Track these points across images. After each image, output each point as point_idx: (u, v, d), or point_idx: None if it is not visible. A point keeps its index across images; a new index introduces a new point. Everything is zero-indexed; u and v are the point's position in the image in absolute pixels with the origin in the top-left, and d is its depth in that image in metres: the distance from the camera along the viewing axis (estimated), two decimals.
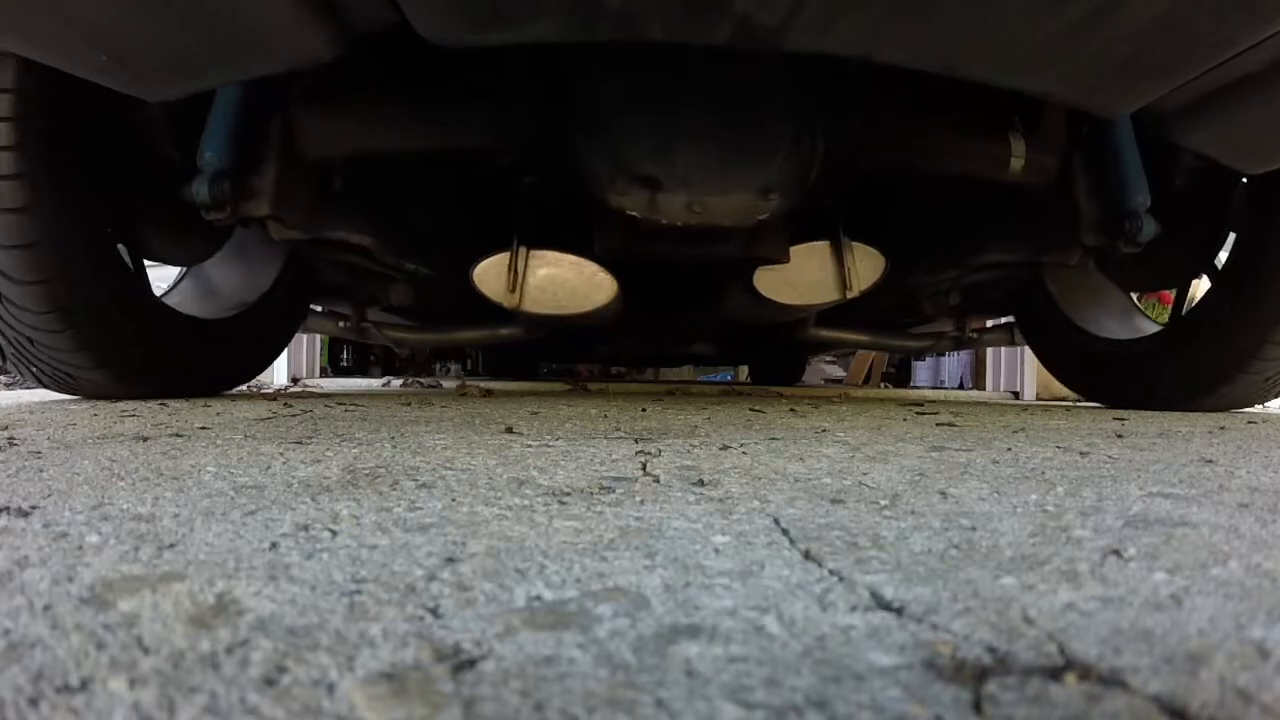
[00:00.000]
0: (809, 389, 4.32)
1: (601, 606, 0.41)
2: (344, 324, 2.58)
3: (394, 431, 1.17)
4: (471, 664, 0.34)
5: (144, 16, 1.09)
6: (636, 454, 0.97)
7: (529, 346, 4.45)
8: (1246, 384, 1.94)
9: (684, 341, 4.02)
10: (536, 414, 1.53)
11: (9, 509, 0.60)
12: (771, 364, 5.64)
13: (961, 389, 5.32)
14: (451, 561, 0.48)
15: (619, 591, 0.43)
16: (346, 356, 6.20)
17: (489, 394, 2.44)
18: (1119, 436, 1.30)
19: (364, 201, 1.94)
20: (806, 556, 0.51)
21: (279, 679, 0.32)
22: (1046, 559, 0.51)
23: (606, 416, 1.51)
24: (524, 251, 1.88)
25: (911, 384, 6.54)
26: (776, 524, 0.60)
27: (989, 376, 4.57)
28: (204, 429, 1.17)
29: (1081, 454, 1.04)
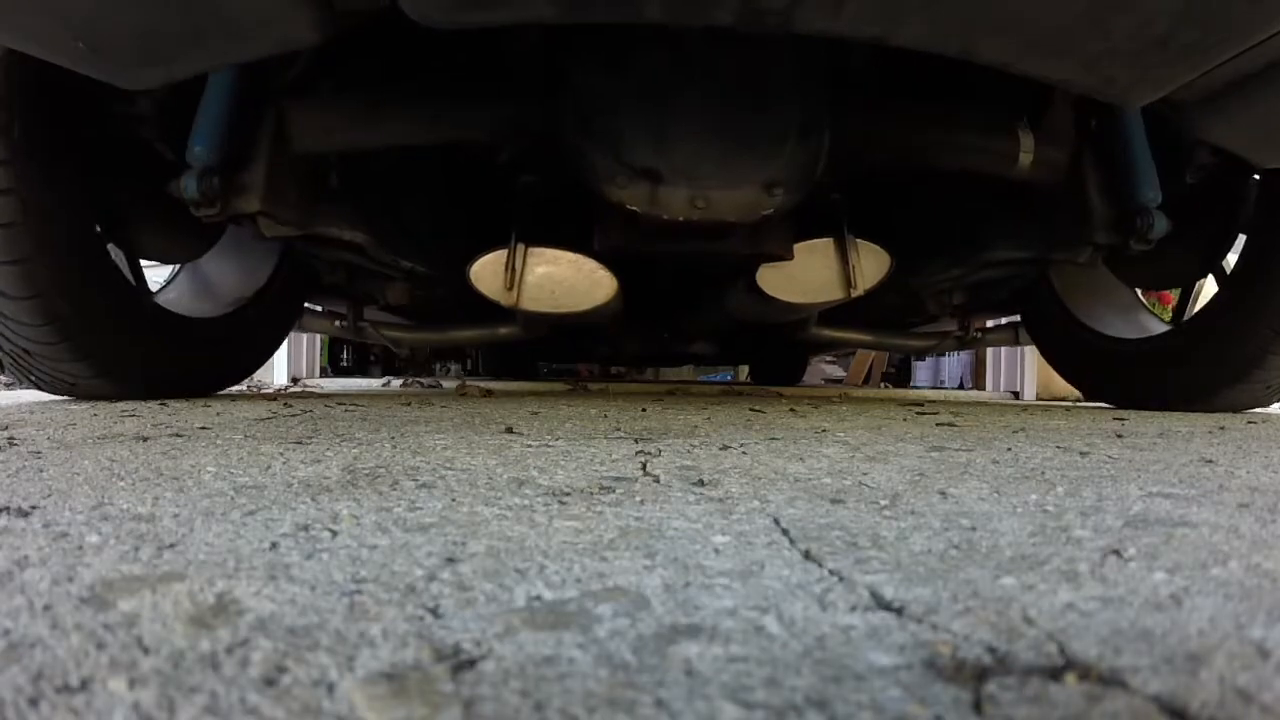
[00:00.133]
0: (809, 389, 4.32)
1: (601, 606, 0.41)
2: (340, 323, 2.56)
3: (394, 431, 1.17)
4: (471, 664, 0.34)
5: None
6: (636, 454, 0.97)
7: (528, 346, 4.42)
8: (1253, 387, 1.92)
9: (684, 341, 3.98)
10: (536, 414, 1.53)
11: (9, 509, 0.60)
12: (772, 364, 5.61)
13: (961, 389, 5.32)
14: (451, 561, 0.48)
15: (619, 591, 0.43)
16: (346, 356, 6.20)
17: (489, 394, 2.44)
18: (1119, 436, 1.30)
19: (358, 198, 1.90)
20: (806, 556, 0.51)
21: (279, 679, 0.32)
22: (1046, 559, 0.51)
23: (606, 416, 1.51)
24: (522, 249, 1.85)
25: (911, 384, 6.54)
26: (776, 524, 0.60)
27: (989, 376, 4.57)
28: (204, 429, 1.17)
29: (1081, 454, 1.04)
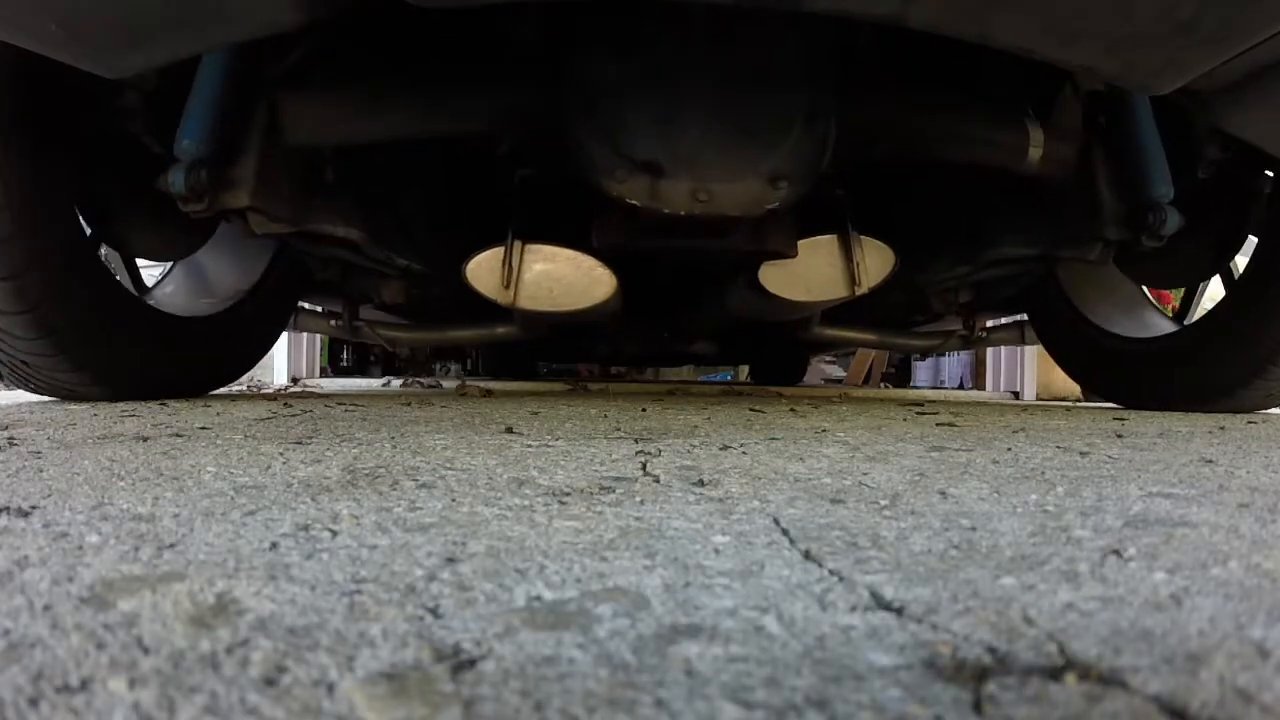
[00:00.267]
0: (809, 389, 4.32)
1: (601, 606, 0.41)
2: (336, 322, 2.52)
3: (394, 431, 1.17)
4: (471, 664, 0.34)
5: None
6: (636, 454, 0.97)
7: (527, 346, 4.39)
8: (1269, 384, 1.90)
9: (685, 340, 3.93)
10: (536, 414, 1.53)
11: (9, 509, 0.60)
12: (773, 363, 5.57)
13: (961, 389, 5.32)
14: (451, 561, 0.48)
15: (619, 591, 0.43)
16: (346, 356, 6.20)
17: (489, 394, 2.44)
18: (1119, 436, 1.30)
19: (352, 193, 1.86)
20: (806, 556, 0.51)
21: (279, 679, 0.32)
22: (1046, 559, 0.51)
23: (606, 416, 1.51)
24: (519, 246, 1.81)
25: (911, 384, 6.54)
26: (776, 524, 0.60)
27: (989, 376, 4.57)
28: (204, 429, 1.17)
29: (1081, 454, 1.04)
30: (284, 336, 3.81)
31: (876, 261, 1.92)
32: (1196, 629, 0.38)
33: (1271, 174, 1.91)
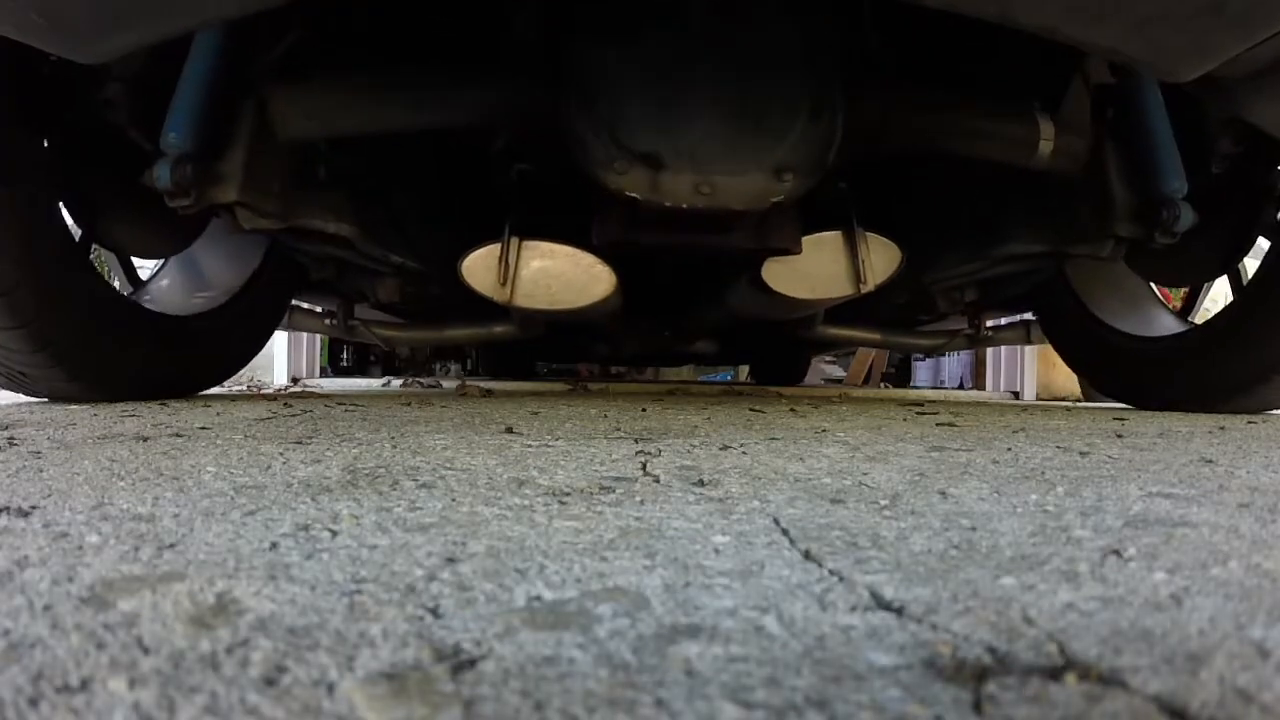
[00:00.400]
0: (809, 389, 4.32)
1: (601, 606, 0.41)
2: (331, 321, 2.48)
3: (394, 431, 1.17)
4: (471, 664, 0.34)
5: None
6: (636, 454, 0.97)
7: (526, 345, 4.34)
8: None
9: (686, 339, 3.88)
10: (536, 414, 1.53)
11: (9, 509, 0.60)
12: (773, 363, 5.51)
13: (961, 389, 5.32)
14: (451, 561, 0.48)
15: (619, 591, 0.43)
16: (346, 356, 6.20)
17: (489, 394, 2.44)
18: (1119, 436, 1.30)
19: (344, 189, 1.81)
20: (806, 556, 0.51)
21: (279, 679, 0.32)
22: (1046, 559, 0.51)
23: (606, 416, 1.51)
24: (516, 242, 1.76)
25: (911, 384, 6.54)
26: (776, 524, 0.60)
27: (989, 376, 4.57)
28: (204, 429, 1.17)
29: (1081, 454, 1.04)
30: (284, 337, 3.82)
31: (882, 259, 1.88)
32: (1196, 629, 0.38)
33: None
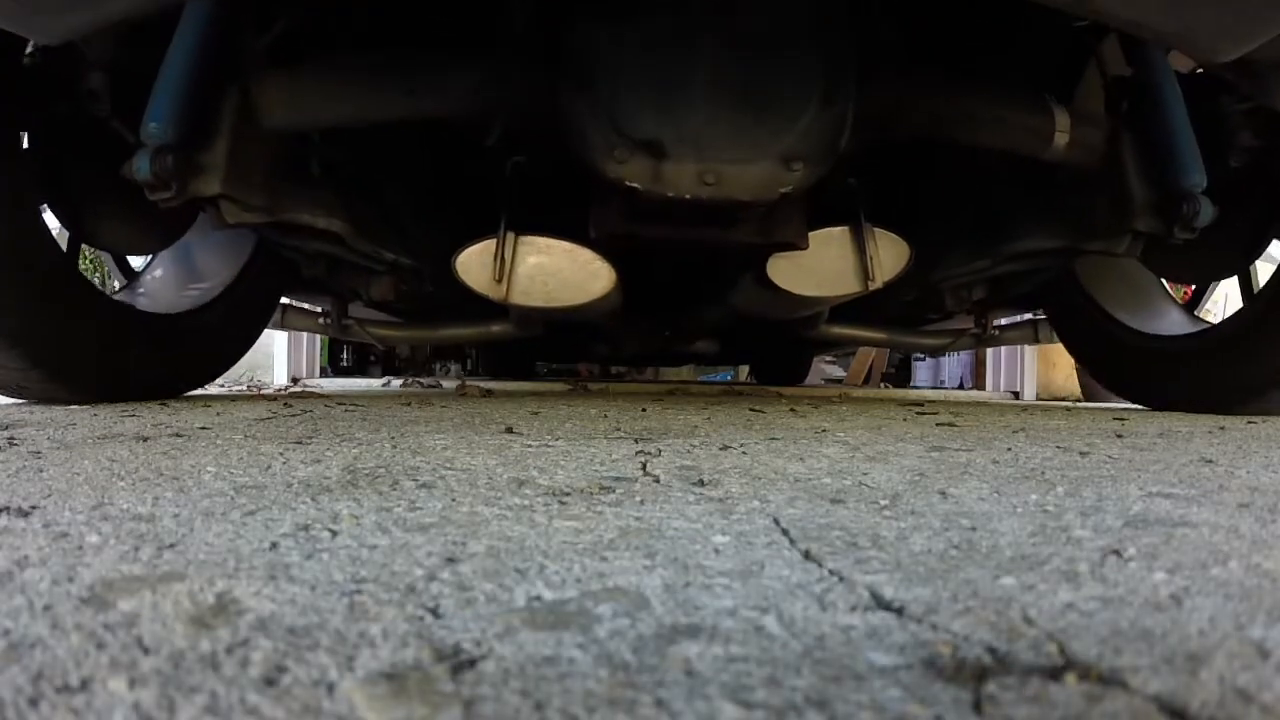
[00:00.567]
0: (809, 389, 4.32)
1: (601, 606, 0.41)
2: (325, 320, 2.43)
3: (394, 431, 1.17)
4: (471, 664, 0.34)
5: None
6: (636, 454, 0.97)
7: (525, 345, 4.27)
8: None
9: (687, 338, 3.80)
10: (536, 414, 1.53)
11: (9, 509, 0.60)
12: (774, 363, 5.43)
13: (961, 389, 5.32)
14: (451, 561, 0.48)
15: (619, 591, 0.43)
16: (346, 357, 6.20)
17: (489, 394, 2.44)
18: (1119, 436, 1.30)
19: (333, 182, 1.75)
20: (806, 556, 0.51)
21: (279, 679, 0.32)
22: (1046, 559, 0.51)
23: (606, 416, 1.51)
24: (511, 237, 1.70)
25: (911, 384, 6.54)
26: (776, 524, 0.60)
27: (989, 376, 4.57)
28: (204, 429, 1.17)
29: (1081, 454, 1.04)
30: (284, 337, 3.81)
31: (891, 255, 1.82)
32: (1196, 629, 0.38)
33: None
